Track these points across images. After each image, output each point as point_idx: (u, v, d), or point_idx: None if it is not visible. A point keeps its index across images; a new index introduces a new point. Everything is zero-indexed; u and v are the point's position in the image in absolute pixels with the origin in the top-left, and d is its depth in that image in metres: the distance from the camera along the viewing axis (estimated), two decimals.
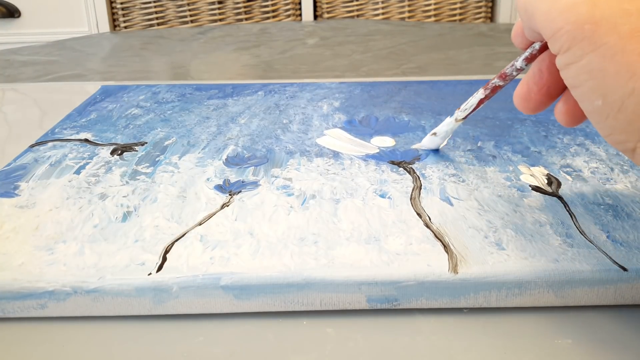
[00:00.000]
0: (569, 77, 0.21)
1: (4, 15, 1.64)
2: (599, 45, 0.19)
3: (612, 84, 0.19)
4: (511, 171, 0.34)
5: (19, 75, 0.73)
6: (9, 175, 0.35)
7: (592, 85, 0.20)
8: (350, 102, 0.48)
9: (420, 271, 0.24)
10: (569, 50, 0.20)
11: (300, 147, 0.38)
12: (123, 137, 0.41)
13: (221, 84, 0.54)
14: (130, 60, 0.81)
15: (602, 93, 0.20)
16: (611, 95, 0.19)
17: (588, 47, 0.19)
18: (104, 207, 0.30)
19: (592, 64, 0.20)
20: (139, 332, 0.24)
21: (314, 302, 0.25)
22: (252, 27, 1.07)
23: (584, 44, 0.20)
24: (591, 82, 0.20)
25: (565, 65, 0.21)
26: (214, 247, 0.26)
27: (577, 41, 0.20)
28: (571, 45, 0.20)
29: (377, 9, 1.58)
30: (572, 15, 0.20)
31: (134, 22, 1.61)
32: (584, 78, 0.20)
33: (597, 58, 0.19)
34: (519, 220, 0.28)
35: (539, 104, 0.25)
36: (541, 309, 0.25)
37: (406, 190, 0.32)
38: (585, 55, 0.20)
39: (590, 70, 0.20)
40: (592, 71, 0.20)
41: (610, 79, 0.19)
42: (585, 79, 0.20)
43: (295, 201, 0.31)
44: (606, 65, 0.19)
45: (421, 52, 0.82)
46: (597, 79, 0.20)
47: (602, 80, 0.19)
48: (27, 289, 0.24)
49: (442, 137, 0.34)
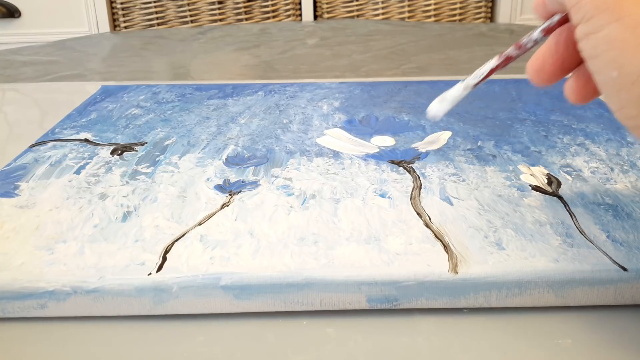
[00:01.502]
0: (587, 47, 0.21)
1: (4, 15, 1.64)
2: (622, 15, 0.19)
3: (631, 56, 0.19)
4: (511, 171, 0.34)
5: (19, 75, 0.73)
6: (9, 175, 0.35)
7: (611, 56, 0.20)
8: (350, 102, 0.48)
9: (420, 271, 0.24)
10: (590, 20, 0.20)
11: (300, 147, 0.38)
12: (123, 137, 0.41)
13: (221, 84, 0.54)
14: (130, 60, 0.81)
15: (619, 64, 0.20)
16: (628, 67, 0.19)
17: (611, 17, 0.20)
18: (104, 207, 0.30)
19: (612, 34, 0.20)
20: (139, 332, 0.24)
21: (314, 302, 0.25)
22: (252, 27, 1.07)
23: (607, 13, 0.20)
24: (610, 53, 0.20)
25: (585, 34, 0.21)
26: (214, 247, 0.26)
27: (600, 10, 0.20)
28: (594, 15, 0.20)
29: (377, 9, 1.58)
30: None
31: (134, 22, 1.61)
32: (602, 48, 0.20)
33: (618, 28, 0.19)
34: (519, 220, 0.28)
35: (552, 75, 0.25)
36: (541, 309, 0.25)
37: (406, 190, 0.32)
38: (606, 25, 0.20)
39: (610, 40, 0.20)
40: (612, 41, 0.20)
41: (630, 51, 0.19)
42: (604, 49, 0.20)
43: (295, 201, 0.31)
44: (627, 36, 0.19)
45: (421, 52, 0.82)
46: (616, 50, 0.20)
47: (620, 51, 0.20)
48: (27, 289, 0.24)
49: (450, 102, 0.33)
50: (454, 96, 0.32)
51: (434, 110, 0.32)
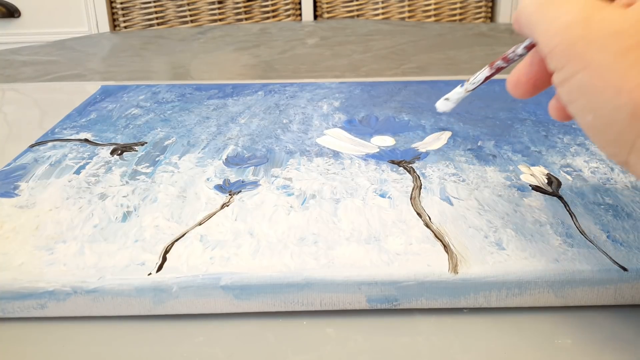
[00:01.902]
0: (563, 93, 0.22)
1: (4, 15, 1.64)
2: (588, 63, 0.20)
3: (601, 100, 0.20)
4: (511, 171, 0.34)
5: (19, 75, 0.73)
6: (9, 175, 0.35)
7: (584, 102, 0.21)
8: (350, 102, 0.48)
9: (420, 271, 0.24)
10: (563, 68, 0.21)
11: (300, 147, 0.38)
12: (123, 137, 0.41)
13: (221, 84, 0.54)
14: (130, 60, 0.81)
15: (592, 109, 0.21)
16: (600, 111, 0.20)
17: (579, 65, 0.21)
18: (104, 207, 0.30)
19: (582, 81, 0.21)
20: (139, 332, 0.24)
21: (314, 302, 0.25)
22: (252, 27, 1.07)
23: (576, 61, 0.21)
24: (582, 99, 0.21)
25: (560, 82, 0.22)
26: (214, 247, 0.26)
27: (570, 59, 0.21)
28: (565, 64, 0.21)
29: (377, 9, 1.57)
30: (566, 34, 0.21)
31: (134, 22, 1.61)
32: (576, 95, 0.21)
33: (586, 75, 0.20)
34: (519, 220, 0.28)
35: (526, 91, 0.27)
36: (541, 309, 0.25)
37: (406, 190, 0.32)
38: (576, 73, 0.21)
39: (581, 87, 0.21)
40: (582, 88, 0.21)
41: (599, 96, 0.20)
42: (577, 96, 0.21)
43: (295, 201, 0.31)
44: (595, 82, 0.20)
45: (421, 52, 0.82)
46: (587, 96, 0.21)
47: (591, 97, 0.21)
48: (27, 289, 0.24)
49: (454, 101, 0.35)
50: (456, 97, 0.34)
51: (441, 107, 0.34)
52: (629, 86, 0.19)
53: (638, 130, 0.20)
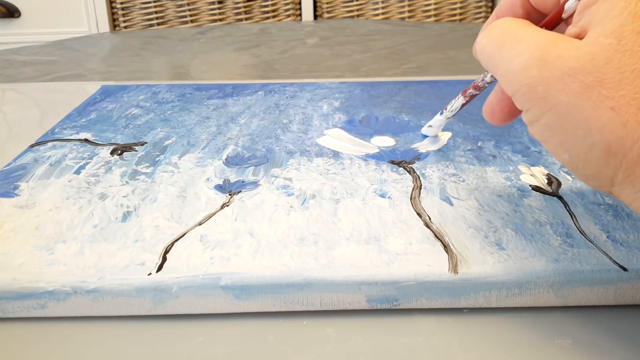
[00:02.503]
0: (535, 133, 0.22)
1: (4, 15, 1.64)
2: (553, 105, 0.20)
3: (573, 140, 0.20)
4: (511, 171, 0.34)
5: (19, 75, 0.73)
6: (9, 175, 0.35)
7: (556, 142, 0.21)
8: (350, 102, 0.48)
9: (420, 271, 0.24)
10: (529, 110, 0.21)
11: (300, 147, 0.38)
12: (123, 137, 0.41)
13: (221, 84, 0.54)
14: (130, 60, 0.81)
15: (566, 149, 0.21)
16: (574, 151, 0.20)
17: (544, 107, 0.20)
18: (103, 207, 0.30)
19: (550, 123, 0.20)
20: (139, 332, 0.24)
21: (314, 302, 0.25)
22: (252, 27, 1.07)
23: (540, 104, 0.20)
24: (555, 139, 0.21)
25: (529, 122, 0.22)
26: (214, 247, 0.26)
27: (533, 102, 0.21)
28: (530, 106, 0.21)
29: (377, 9, 1.58)
30: (524, 78, 0.21)
31: (134, 22, 1.61)
32: (547, 135, 0.21)
33: (554, 117, 0.20)
34: (519, 220, 0.28)
35: (504, 120, 0.27)
36: (541, 309, 0.25)
37: (406, 190, 0.32)
38: (543, 114, 0.21)
39: (551, 128, 0.21)
40: (552, 128, 0.21)
41: (570, 136, 0.20)
42: (549, 135, 0.21)
43: (295, 201, 0.31)
44: (563, 123, 0.20)
45: (421, 52, 0.82)
46: (558, 136, 0.21)
47: (564, 137, 0.20)
48: (27, 289, 0.24)
49: (437, 127, 0.38)
50: (438, 124, 0.38)
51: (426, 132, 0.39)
52: (597, 124, 0.19)
53: (615, 165, 0.19)
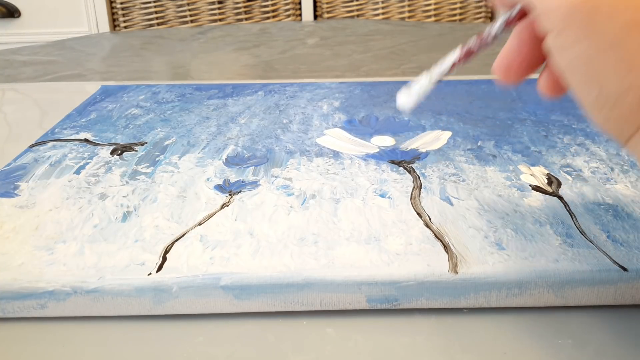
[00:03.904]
0: (562, 62, 0.20)
1: (4, 15, 1.64)
2: (596, 33, 0.18)
3: (609, 77, 0.18)
4: (511, 171, 0.34)
5: (19, 75, 0.73)
6: (9, 175, 0.35)
7: (589, 75, 0.19)
8: (350, 101, 0.48)
9: (420, 271, 0.24)
10: (562, 33, 0.19)
11: (300, 147, 0.38)
12: (123, 137, 0.41)
13: (221, 84, 0.54)
14: (130, 60, 0.81)
15: (598, 84, 0.19)
16: (607, 88, 0.18)
17: (584, 33, 0.18)
18: (103, 207, 0.30)
19: (588, 52, 0.18)
20: (139, 332, 0.24)
21: (314, 302, 0.25)
22: (252, 27, 1.07)
23: (580, 29, 0.18)
24: (587, 72, 0.19)
25: (557, 48, 0.20)
26: (214, 247, 0.26)
27: (572, 24, 0.18)
28: (565, 27, 0.19)
29: (377, 9, 1.57)
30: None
31: (134, 22, 1.61)
32: (578, 64, 0.19)
33: (593, 47, 0.18)
34: (519, 220, 0.28)
35: (520, 74, 0.24)
36: (541, 309, 0.25)
37: (406, 190, 0.32)
38: (580, 41, 0.18)
39: (587, 59, 0.18)
40: (588, 61, 0.18)
41: (608, 71, 0.18)
42: (580, 65, 0.19)
43: (295, 201, 0.31)
44: (603, 56, 0.18)
45: (421, 52, 0.82)
46: (593, 69, 0.18)
47: (598, 71, 0.18)
48: (27, 289, 0.24)
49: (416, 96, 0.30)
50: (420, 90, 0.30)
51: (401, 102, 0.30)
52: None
53: None
